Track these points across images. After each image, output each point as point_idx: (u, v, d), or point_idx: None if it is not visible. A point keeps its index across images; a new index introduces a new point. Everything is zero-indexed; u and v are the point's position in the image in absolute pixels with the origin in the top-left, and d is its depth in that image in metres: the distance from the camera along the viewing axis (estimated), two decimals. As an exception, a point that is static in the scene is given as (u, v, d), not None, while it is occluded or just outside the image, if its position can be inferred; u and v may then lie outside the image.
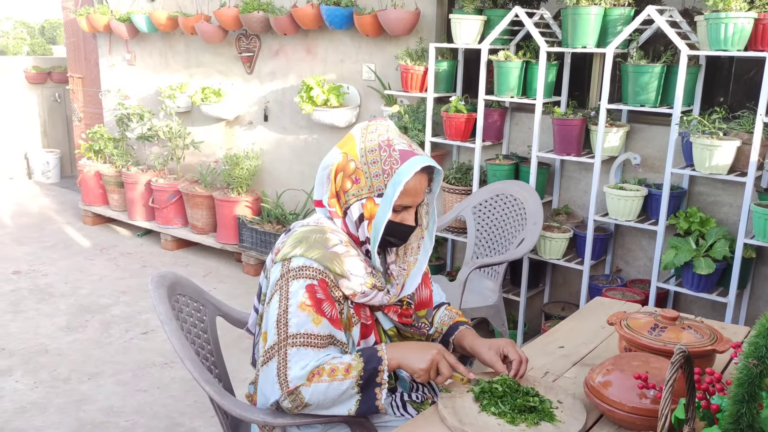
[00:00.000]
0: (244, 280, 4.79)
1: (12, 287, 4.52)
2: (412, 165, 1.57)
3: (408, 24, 3.94)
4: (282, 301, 1.55)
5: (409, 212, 1.65)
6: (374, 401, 1.51)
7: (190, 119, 5.53)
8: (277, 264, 1.62)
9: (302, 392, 1.49)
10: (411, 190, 1.60)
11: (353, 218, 1.64)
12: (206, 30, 4.92)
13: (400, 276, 1.73)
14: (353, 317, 1.64)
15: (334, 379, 1.49)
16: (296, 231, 1.67)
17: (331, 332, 1.55)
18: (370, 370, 1.50)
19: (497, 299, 3.27)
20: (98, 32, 5.94)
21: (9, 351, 3.60)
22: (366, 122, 1.69)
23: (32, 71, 7.99)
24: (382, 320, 1.71)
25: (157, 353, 3.60)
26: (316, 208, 1.74)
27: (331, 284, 1.58)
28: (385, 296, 1.66)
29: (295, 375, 1.49)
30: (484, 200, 3.54)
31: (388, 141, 1.61)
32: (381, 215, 1.59)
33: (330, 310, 1.56)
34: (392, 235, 1.64)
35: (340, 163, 1.64)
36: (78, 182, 6.18)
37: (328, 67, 4.60)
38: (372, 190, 1.60)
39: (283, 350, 1.52)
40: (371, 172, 1.59)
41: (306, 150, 4.89)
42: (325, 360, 1.51)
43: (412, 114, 3.92)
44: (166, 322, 1.73)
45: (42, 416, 2.98)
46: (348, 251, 1.62)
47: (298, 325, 1.52)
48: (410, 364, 1.53)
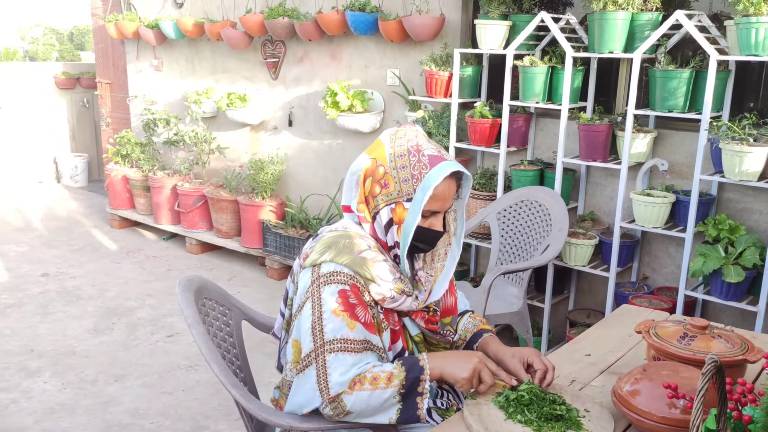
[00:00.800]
0: (267, 284, 4.82)
1: (41, 289, 4.59)
2: (441, 170, 1.58)
3: (433, 29, 3.95)
4: (315, 307, 1.55)
5: (438, 218, 1.65)
6: (415, 410, 1.51)
7: (215, 124, 5.59)
8: (305, 270, 1.62)
9: (344, 400, 1.49)
10: (440, 195, 1.60)
11: (382, 223, 1.64)
12: (232, 36, 4.97)
13: (428, 282, 1.73)
14: (383, 322, 1.64)
15: (376, 388, 1.49)
16: (324, 236, 1.68)
17: (367, 337, 1.55)
18: (411, 380, 1.50)
19: (522, 306, 3.25)
20: (126, 38, 6.03)
21: (38, 352, 3.65)
22: (395, 128, 1.70)
23: (62, 77, 8.13)
24: (409, 326, 1.71)
25: (182, 356, 3.63)
26: (344, 213, 1.74)
27: (362, 289, 1.59)
28: (414, 302, 1.66)
29: (336, 381, 1.50)
30: (509, 206, 3.53)
31: (417, 146, 1.62)
32: (410, 220, 1.59)
33: (363, 314, 1.56)
34: (421, 240, 1.64)
35: (369, 168, 1.65)
36: (105, 186, 6.27)
37: (352, 72, 4.62)
38: (401, 195, 1.60)
39: (321, 357, 1.52)
40: (400, 176, 1.60)
41: (330, 155, 4.91)
42: (366, 368, 1.51)
43: (437, 119, 3.92)
44: (193, 325, 1.75)
45: (70, 417, 3.02)
46: (376, 256, 1.62)
47: (333, 330, 1.52)
48: (453, 373, 1.53)
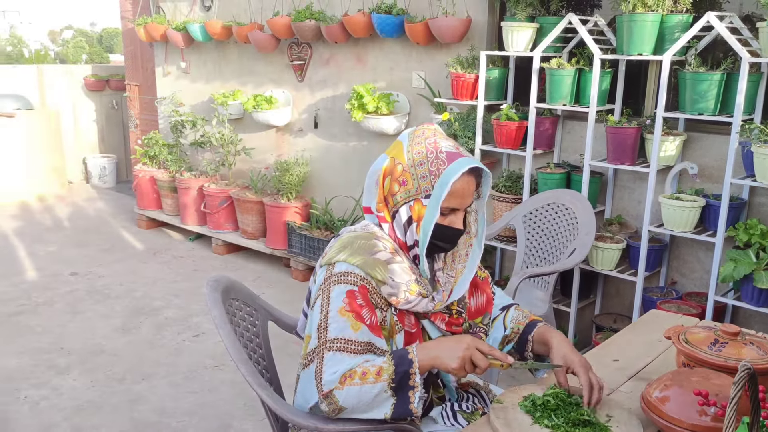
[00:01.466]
0: (292, 285, 4.84)
1: (70, 288, 4.67)
2: (459, 166, 1.57)
3: (459, 32, 3.94)
4: (323, 305, 1.57)
5: (457, 215, 1.64)
6: (408, 404, 1.49)
7: (241, 126, 5.63)
8: (322, 268, 1.64)
9: (336, 395, 1.49)
10: (458, 191, 1.59)
11: (401, 221, 1.64)
12: (259, 39, 5.01)
13: (447, 283, 1.71)
14: (396, 324, 1.63)
15: (365, 383, 1.48)
16: (343, 236, 1.69)
17: (371, 339, 1.55)
18: (401, 373, 1.49)
19: (547, 310, 3.23)
20: (155, 41, 6.11)
21: (67, 350, 3.71)
22: (414, 127, 1.70)
23: (91, 79, 8.26)
24: (429, 328, 1.69)
25: (207, 356, 3.66)
26: (365, 215, 1.75)
27: (373, 291, 1.58)
28: (430, 303, 1.64)
29: (327, 379, 1.50)
30: (535, 209, 3.50)
31: (435, 143, 1.62)
32: (429, 216, 1.59)
33: (370, 316, 1.56)
34: (440, 238, 1.64)
35: (387, 168, 1.65)
36: (133, 187, 6.36)
37: (378, 74, 4.63)
38: (419, 192, 1.60)
39: (321, 354, 1.53)
40: (418, 173, 1.60)
41: (355, 157, 4.92)
42: (356, 363, 1.51)
43: (462, 122, 3.91)
44: (221, 325, 1.76)
45: (98, 415, 3.07)
46: (392, 258, 1.62)
47: (336, 330, 1.53)
48: (443, 363, 1.50)
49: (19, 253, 5.45)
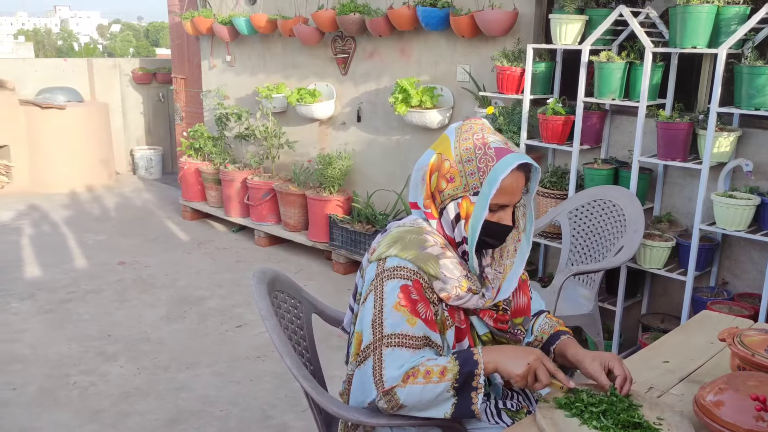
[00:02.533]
0: (333, 279, 4.86)
1: (118, 277, 4.77)
2: (508, 162, 1.55)
3: (505, 24, 3.89)
4: (377, 301, 1.56)
5: (506, 212, 1.62)
6: (470, 405, 1.48)
7: (285, 119, 5.67)
8: (372, 264, 1.62)
9: (397, 393, 1.48)
10: (507, 188, 1.57)
11: (449, 218, 1.62)
12: (303, 32, 5.03)
13: (496, 280, 1.70)
14: (447, 320, 1.62)
15: (429, 382, 1.47)
16: (392, 231, 1.67)
17: (426, 333, 1.54)
18: (465, 374, 1.47)
19: (592, 308, 3.17)
20: (201, 35, 6.19)
21: (115, 338, 3.80)
22: (460, 122, 1.68)
23: (139, 72, 8.42)
24: (477, 325, 1.68)
25: (250, 347, 3.70)
26: (412, 210, 1.74)
27: (426, 285, 1.57)
28: (480, 300, 1.63)
29: (390, 375, 1.49)
30: (581, 205, 3.44)
31: (483, 139, 1.59)
32: (477, 214, 1.56)
33: (425, 311, 1.55)
34: (489, 235, 1.62)
35: (434, 164, 1.63)
36: (179, 178, 6.47)
37: (422, 68, 4.61)
38: (467, 189, 1.58)
39: (378, 350, 1.52)
40: (466, 170, 1.58)
41: (397, 151, 4.91)
42: (420, 361, 1.49)
43: (507, 116, 3.86)
44: (267, 317, 1.77)
45: (144, 401, 3.13)
46: (443, 253, 1.61)
47: (392, 325, 1.52)
48: (507, 369, 1.49)
49: (69, 241, 5.59)
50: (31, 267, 4.94)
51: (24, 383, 3.27)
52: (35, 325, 3.94)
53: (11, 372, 3.37)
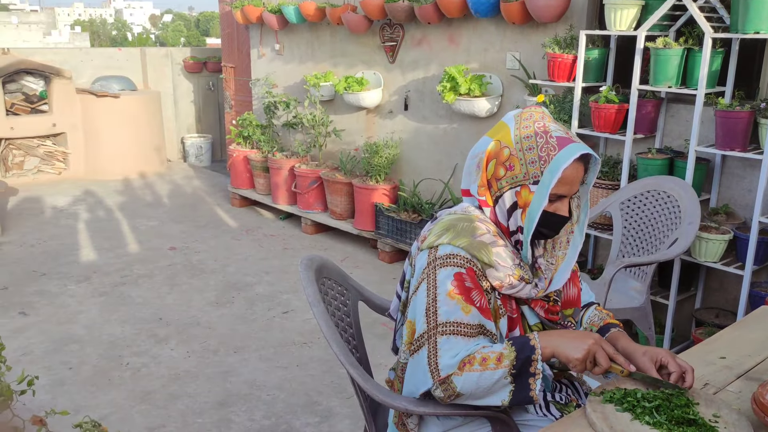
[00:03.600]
0: (378, 267, 4.87)
1: (169, 262, 4.88)
2: (571, 152, 1.52)
3: (557, 10, 3.80)
4: (430, 289, 1.54)
5: (564, 203, 1.59)
6: (528, 391, 1.45)
7: (332, 107, 5.69)
8: (423, 252, 1.61)
9: (454, 381, 1.46)
10: (567, 178, 1.54)
11: (505, 207, 1.60)
12: (352, 20, 5.02)
13: (548, 270, 1.67)
14: (500, 309, 1.60)
15: (486, 369, 1.45)
16: (443, 219, 1.66)
17: (481, 321, 1.52)
18: (522, 359, 1.45)
19: (644, 301, 3.10)
20: (251, 24, 6.25)
21: (166, 321, 3.89)
22: (519, 110, 1.65)
23: (190, 61, 8.56)
24: (528, 315, 1.66)
25: (296, 332, 3.74)
26: (464, 197, 1.72)
27: (479, 273, 1.56)
28: (533, 289, 1.61)
29: (446, 363, 1.47)
30: (633, 196, 3.36)
31: (544, 127, 1.57)
32: (536, 203, 1.54)
33: (479, 299, 1.53)
34: (545, 225, 1.59)
35: (492, 150, 1.61)
36: (228, 166, 6.56)
37: (470, 56, 4.55)
38: (527, 177, 1.55)
39: (433, 339, 1.50)
40: (527, 158, 1.55)
41: (444, 139, 4.87)
42: (475, 349, 1.48)
43: (558, 104, 3.78)
44: (314, 303, 1.78)
45: (194, 384, 3.20)
46: (496, 241, 1.59)
47: (447, 313, 1.50)
48: (565, 353, 1.46)
49: (123, 227, 5.74)
50: (86, 251, 5.09)
51: (80, 363, 3.37)
52: (90, 307, 4.07)
53: (68, 352, 3.49)
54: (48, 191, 6.86)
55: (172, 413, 2.95)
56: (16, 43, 38.16)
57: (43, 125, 7.26)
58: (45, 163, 7.41)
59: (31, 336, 3.65)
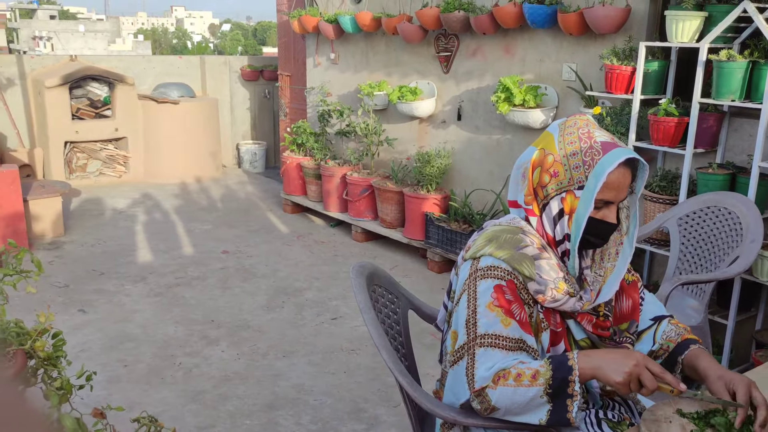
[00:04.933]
0: (428, 276, 4.86)
1: (221, 265, 4.97)
2: (615, 156, 1.50)
3: (617, 21, 3.74)
4: (470, 300, 1.54)
5: (611, 209, 1.56)
6: (565, 413, 1.42)
7: (385, 117, 5.72)
8: (466, 262, 1.61)
9: (489, 394, 1.45)
10: (613, 183, 1.52)
11: (552, 214, 1.58)
12: (407, 30, 5.05)
13: (596, 282, 1.64)
14: (542, 322, 1.58)
15: (519, 385, 1.42)
16: (488, 229, 1.65)
17: (521, 336, 1.50)
18: (559, 380, 1.41)
19: (702, 320, 3.00)
20: (307, 33, 6.34)
21: (217, 323, 3.96)
22: (563, 119, 1.64)
23: (247, 69, 8.74)
24: (574, 329, 1.62)
25: (345, 339, 3.76)
26: (510, 208, 1.71)
27: (520, 286, 1.54)
28: (578, 302, 1.57)
29: (481, 375, 1.47)
30: (692, 212, 3.26)
31: (588, 133, 1.55)
32: (582, 209, 1.52)
33: (519, 312, 1.52)
34: (593, 233, 1.56)
35: (536, 159, 1.60)
36: (281, 172, 6.66)
37: (526, 66, 4.52)
38: (572, 183, 1.54)
39: (472, 350, 1.50)
40: (571, 164, 1.54)
41: (497, 150, 4.84)
42: (512, 364, 1.46)
43: (615, 116, 3.72)
44: (365, 310, 1.79)
45: (243, 386, 3.25)
46: (540, 254, 1.57)
47: (486, 325, 1.49)
48: (606, 376, 1.41)
49: (178, 229, 5.89)
50: (143, 252, 5.24)
51: (134, 361, 3.47)
52: (145, 306, 4.18)
53: (123, 350, 3.59)
54: (108, 193, 7.09)
55: (221, 414, 3.00)
56: (83, 50, 39.63)
57: (106, 130, 7.51)
58: (106, 166, 7.66)
59: (90, 333, 3.77)
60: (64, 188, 5.79)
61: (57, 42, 41.20)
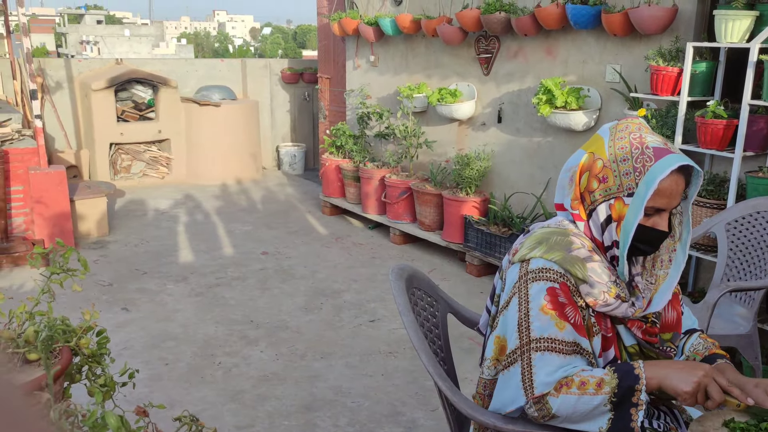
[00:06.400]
0: (466, 280, 4.82)
1: (261, 266, 5.02)
2: (668, 162, 1.45)
3: (663, 22, 3.66)
4: (522, 304, 1.51)
5: (662, 217, 1.52)
6: (629, 422, 1.39)
7: (425, 119, 5.70)
8: (514, 265, 1.58)
9: (549, 402, 1.42)
10: (665, 190, 1.47)
11: (599, 220, 1.55)
12: (447, 32, 5.03)
13: (647, 290, 1.60)
14: (594, 326, 1.54)
15: (584, 393, 1.40)
16: (536, 232, 1.62)
17: (576, 339, 1.47)
18: (624, 388, 1.39)
19: (750, 328, 2.91)
20: (347, 36, 6.37)
21: (256, 323, 3.99)
22: (615, 121, 1.60)
23: (288, 72, 8.82)
24: (624, 335, 1.59)
25: (382, 342, 3.76)
26: (557, 212, 1.68)
27: (573, 289, 1.51)
28: (630, 308, 1.54)
29: (541, 381, 1.44)
30: (741, 217, 3.17)
31: (640, 138, 1.51)
32: (631, 216, 1.48)
33: (573, 315, 1.48)
34: (642, 240, 1.52)
35: (585, 163, 1.57)
36: (320, 174, 6.69)
37: (568, 68, 4.45)
38: (621, 189, 1.50)
39: (527, 355, 1.47)
40: (621, 170, 1.50)
41: (538, 153, 4.78)
42: (573, 371, 1.43)
43: (660, 119, 3.63)
44: (405, 313, 1.78)
45: (281, 386, 3.26)
46: (590, 256, 1.54)
47: (540, 329, 1.46)
48: (673, 385, 1.39)
49: (219, 230, 5.96)
50: (185, 252, 5.32)
51: (175, 360, 3.52)
52: (187, 306, 4.24)
53: (165, 348, 3.64)
54: (151, 194, 7.23)
55: (259, 413, 3.02)
56: (128, 54, 40.57)
57: (150, 131, 7.66)
58: (150, 167, 7.81)
59: (132, 331, 3.84)
60: (109, 189, 5.92)
61: (103, 46, 42.26)
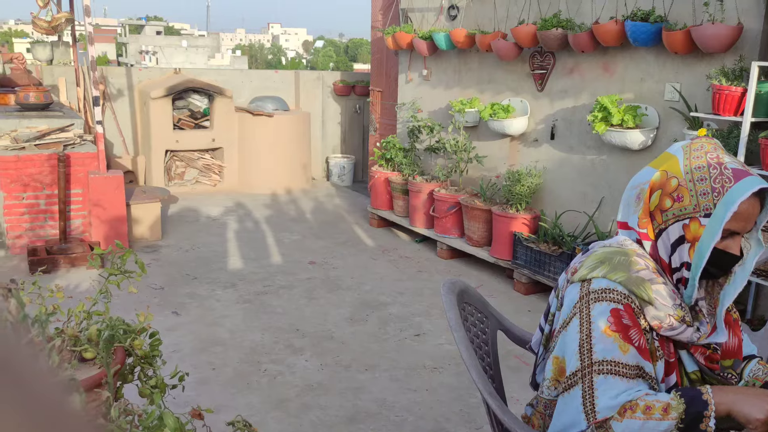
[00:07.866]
0: (513, 297, 4.76)
1: (308, 276, 5.05)
2: (749, 184, 1.41)
3: (727, 41, 3.57)
4: (583, 325, 1.47)
5: (735, 240, 1.47)
6: None
7: (476, 134, 5.67)
8: (573, 285, 1.54)
9: (613, 426, 1.38)
10: (743, 213, 1.43)
11: (669, 240, 1.50)
12: (501, 47, 5.00)
13: (711, 315, 1.55)
14: (657, 350, 1.50)
15: (649, 418, 1.35)
16: (596, 251, 1.58)
17: (640, 363, 1.43)
18: (692, 414, 1.34)
19: (814, 360, 2.78)
20: (400, 49, 6.40)
21: (302, 332, 4.01)
22: (687, 141, 1.56)
23: (340, 84, 8.91)
24: (686, 360, 1.54)
25: (427, 356, 3.73)
26: (620, 230, 1.64)
27: (637, 311, 1.47)
28: (695, 333, 1.49)
29: (604, 405, 1.40)
30: (806, 243, 3.04)
31: (718, 159, 1.47)
32: (707, 238, 1.43)
33: (638, 338, 1.44)
34: (714, 263, 1.48)
35: (657, 181, 1.53)
36: (368, 187, 6.72)
37: (625, 86, 4.37)
38: (697, 210, 1.45)
39: (588, 377, 1.43)
40: (698, 189, 1.45)
41: (592, 171, 4.70)
42: (638, 395, 1.39)
43: (722, 139, 3.53)
44: (456, 329, 1.76)
45: (325, 396, 3.27)
46: (655, 278, 1.49)
47: (603, 351, 1.43)
48: (744, 412, 1.34)
49: (268, 239, 6.03)
50: (234, 259, 5.39)
51: (222, 365, 3.56)
52: (235, 312, 4.29)
53: (212, 353, 3.69)
54: (203, 201, 7.37)
55: (303, 422, 3.02)
56: (184, 64, 41.64)
57: (204, 140, 7.83)
58: (203, 174, 7.97)
59: (182, 335, 3.91)
60: (163, 194, 6.06)
61: (161, 56, 43.49)
